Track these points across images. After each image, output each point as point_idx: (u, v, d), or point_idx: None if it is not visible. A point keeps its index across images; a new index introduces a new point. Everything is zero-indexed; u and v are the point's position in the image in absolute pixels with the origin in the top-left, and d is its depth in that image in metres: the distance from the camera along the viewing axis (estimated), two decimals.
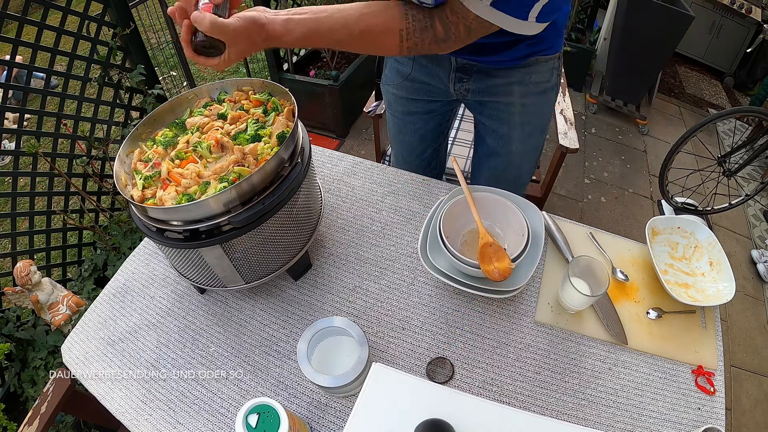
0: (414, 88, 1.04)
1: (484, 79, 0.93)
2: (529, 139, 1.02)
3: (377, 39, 0.68)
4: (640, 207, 2.43)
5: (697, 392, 0.76)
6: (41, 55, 1.49)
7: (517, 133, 1.00)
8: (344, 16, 0.66)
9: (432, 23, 0.66)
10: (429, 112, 1.10)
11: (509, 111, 0.97)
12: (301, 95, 2.51)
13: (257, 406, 0.59)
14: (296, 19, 0.64)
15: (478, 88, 0.96)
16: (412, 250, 0.94)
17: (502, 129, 1.00)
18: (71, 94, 1.61)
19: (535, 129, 1.01)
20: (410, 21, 0.65)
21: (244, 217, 0.67)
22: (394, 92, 1.09)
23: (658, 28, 2.45)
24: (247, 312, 0.88)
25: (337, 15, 0.66)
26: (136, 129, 0.81)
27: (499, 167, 1.09)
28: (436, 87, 1.01)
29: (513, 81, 0.91)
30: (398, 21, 0.65)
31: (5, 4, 1.34)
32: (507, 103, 0.95)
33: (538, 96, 0.94)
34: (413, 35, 0.66)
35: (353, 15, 0.66)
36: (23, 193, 1.60)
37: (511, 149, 1.03)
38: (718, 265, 0.87)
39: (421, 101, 1.07)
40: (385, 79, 1.11)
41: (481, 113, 1.03)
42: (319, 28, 0.65)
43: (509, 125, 0.99)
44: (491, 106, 0.98)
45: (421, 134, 1.16)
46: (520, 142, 1.02)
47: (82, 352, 0.86)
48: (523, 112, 0.96)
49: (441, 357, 0.80)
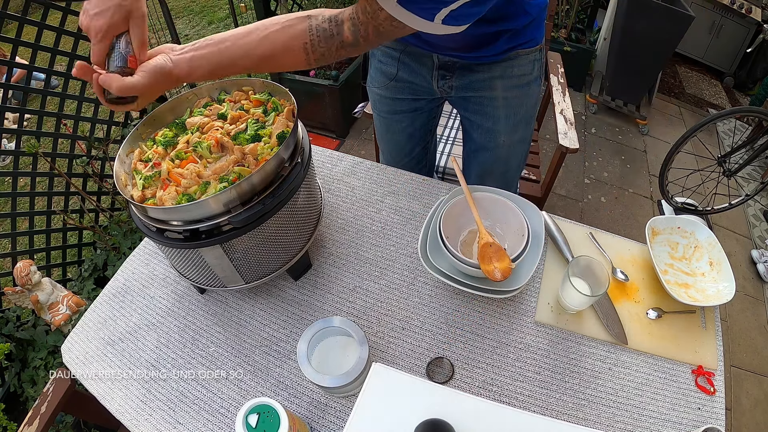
0: (398, 88, 1.05)
1: (466, 75, 0.95)
2: (515, 132, 1.03)
3: (282, 59, 0.68)
4: (640, 207, 2.43)
5: (697, 392, 0.76)
6: (41, 55, 1.49)
7: (502, 126, 1.01)
8: (246, 43, 0.66)
9: (339, 30, 0.66)
10: (415, 110, 1.10)
11: (493, 105, 0.98)
12: (301, 95, 2.51)
13: (257, 406, 0.59)
14: (199, 55, 0.65)
15: (461, 84, 0.97)
16: (412, 250, 0.94)
17: (487, 123, 1.01)
18: (71, 94, 1.61)
19: (520, 121, 1.01)
20: (314, 33, 0.66)
21: (244, 217, 0.67)
22: (379, 93, 1.10)
23: (658, 28, 2.45)
24: (247, 312, 0.88)
25: (240, 43, 0.66)
26: (136, 129, 0.81)
27: (487, 162, 1.09)
28: (420, 85, 1.02)
29: (495, 75, 0.92)
30: (300, 36, 0.66)
31: (5, 4, 1.35)
32: (490, 97, 0.96)
33: (521, 88, 0.95)
34: (318, 46, 0.66)
35: (253, 41, 0.66)
36: (23, 193, 1.60)
37: (498, 142, 1.04)
38: (718, 265, 0.87)
39: (406, 100, 1.08)
40: (370, 81, 1.11)
41: (465, 109, 1.04)
42: (221, 61, 0.66)
43: (494, 119, 1.00)
44: (475, 101, 0.99)
45: (408, 133, 1.16)
46: (506, 135, 1.02)
47: (82, 352, 0.86)
48: (507, 105, 0.97)
49: (441, 357, 0.80)
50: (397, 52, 0.99)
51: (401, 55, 0.99)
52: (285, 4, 2.44)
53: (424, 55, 0.95)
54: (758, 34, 2.77)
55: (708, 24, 3.27)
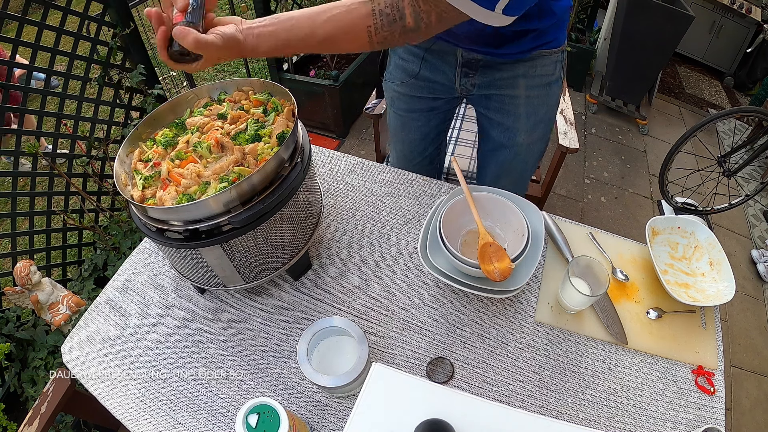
0: (418, 86, 1.05)
1: (490, 72, 0.95)
2: (535, 131, 1.03)
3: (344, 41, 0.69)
4: (640, 207, 2.43)
5: (697, 392, 0.76)
6: (41, 55, 1.49)
7: (523, 123, 1.01)
8: (311, 23, 0.67)
9: (401, 15, 0.66)
10: (432, 109, 1.10)
11: (515, 103, 0.98)
12: (301, 95, 2.51)
13: (257, 406, 0.59)
14: (267, 31, 0.66)
15: (484, 82, 0.97)
16: (412, 250, 0.94)
17: (508, 121, 1.01)
18: (71, 94, 1.61)
19: (540, 120, 1.02)
20: (377, 17, 0.66)
21: (244, 217, 0.67)
22: (397, 89, 1.09)
23: (658, 28, 2.45)
24: (247, 312, 0.88)
25: (304, 23, 0.67)
26: (136, 129, 0.81)
27: (506, 160, 1.09)
28: (441, 84, 1.02)
29: (519, 74, 0.93)
30: (364, 19, 0.66)
31: (5, 4, 1.35)
32: (513, 96, 0.97)
33: (543, 88, 0.96)
34: (381, 30, 0.67)
35: (318, 22, 0.67)
36: (23, 193, 1.60)
37: (518, 141, 1.04)
38: (718, 265, 0.87)
39: (425, 98, 1.07)
40: (389, 76, 1.10)
41: (486, 107, 1.04)
42: (288, 38, 0.67)
43: (515, 117, 1.00)
44: (497, 99, 0.99)
45: (423, 132, 1.16)
46: (526, 133, 1.03)
47: (82, 352, 0.86)
48: (528, 104, 0.98)
49: (441, 357, 0.80)
50: (422, 51, 0.99)
51: (425, 54, 0.99)
52: (285, 4, 2.44)
53: (448, 53, 0.95)
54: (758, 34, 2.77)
55: (708, 24, 3.27)
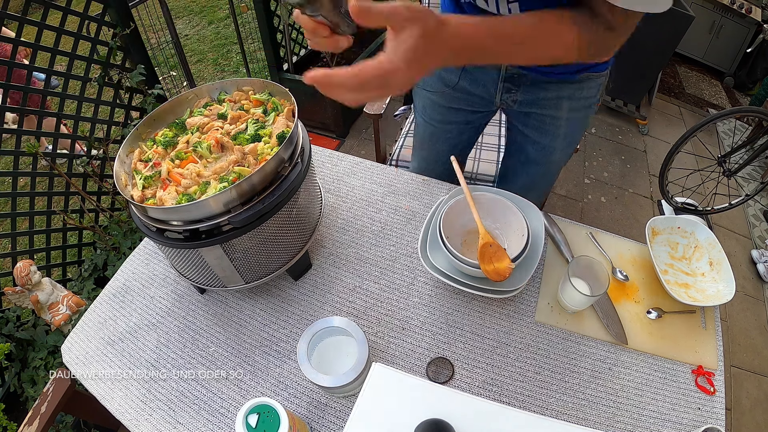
0: (454, 97, 1.01)
1: (534, 91, 0.92)
2: (568, 149, 1.04)
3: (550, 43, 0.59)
4: (640, 207, 2.43)
5: (697, 392, 0.76)
6: (41, 55, 1.49)
7: (560, 143, 1.00)
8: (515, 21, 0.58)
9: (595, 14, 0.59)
10: (467, 122, 1.07)
11: (555, 124, 0.96)
12: (301, 95, 2.49)
13: (257, 406, 0.59)
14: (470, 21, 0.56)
15: (527, 99, 0.94)
16: (412, 250, 0.94)
17: (545, 140, 1.00)
18: (71, 94, 1.61)
19: (574, 140, 1.02)
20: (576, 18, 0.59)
21: (244, 217, 0.67)
22: (432, 98, 1.05)
23: (658, 28, 2.45)
24: (247, 312, 0.88)
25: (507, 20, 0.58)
26: (136, 129, 0.81)
27: (537, 174, 1.09)
28: (480, 97, 0.99)
29: (563, 95, 0.90)
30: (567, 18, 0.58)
31: (5, 4, 1.34)
32: (554, 116, 0.94)
33: (583, 111, 0.94)
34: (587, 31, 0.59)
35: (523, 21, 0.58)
36: (23, 193, 1.60)
37: (552, 159, 1.04)
38: (718, 265, 0.87)
39: (462, 111, 1.04)
40: (422, 83, 1.06)
41: (525, 124, 1.01)
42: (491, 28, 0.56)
43: (553, 137, 0.98)
44: (537, 118, 0.97)
45: (453, 143, 1.12)
46: (561, 152, 1.03)
47: (82, 352, 0.86)
48: (568, 125, 0.96)
49: (441, 357, 0.80)
50: None
51: None
52: (285, 4, 2.43)
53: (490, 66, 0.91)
54: (758, 34, 2.78)
55: (708, 24, 3.27)
